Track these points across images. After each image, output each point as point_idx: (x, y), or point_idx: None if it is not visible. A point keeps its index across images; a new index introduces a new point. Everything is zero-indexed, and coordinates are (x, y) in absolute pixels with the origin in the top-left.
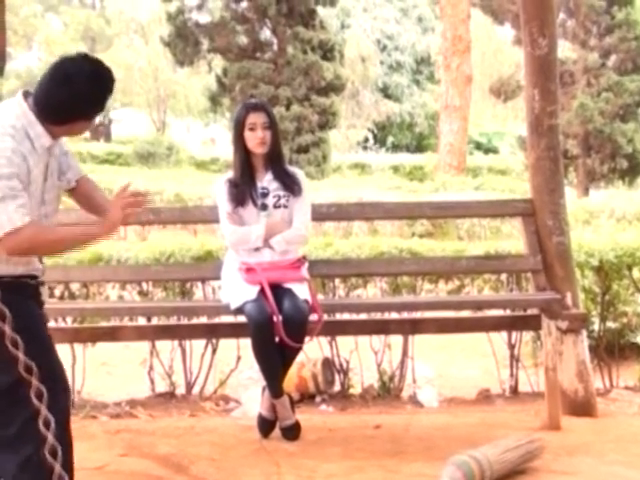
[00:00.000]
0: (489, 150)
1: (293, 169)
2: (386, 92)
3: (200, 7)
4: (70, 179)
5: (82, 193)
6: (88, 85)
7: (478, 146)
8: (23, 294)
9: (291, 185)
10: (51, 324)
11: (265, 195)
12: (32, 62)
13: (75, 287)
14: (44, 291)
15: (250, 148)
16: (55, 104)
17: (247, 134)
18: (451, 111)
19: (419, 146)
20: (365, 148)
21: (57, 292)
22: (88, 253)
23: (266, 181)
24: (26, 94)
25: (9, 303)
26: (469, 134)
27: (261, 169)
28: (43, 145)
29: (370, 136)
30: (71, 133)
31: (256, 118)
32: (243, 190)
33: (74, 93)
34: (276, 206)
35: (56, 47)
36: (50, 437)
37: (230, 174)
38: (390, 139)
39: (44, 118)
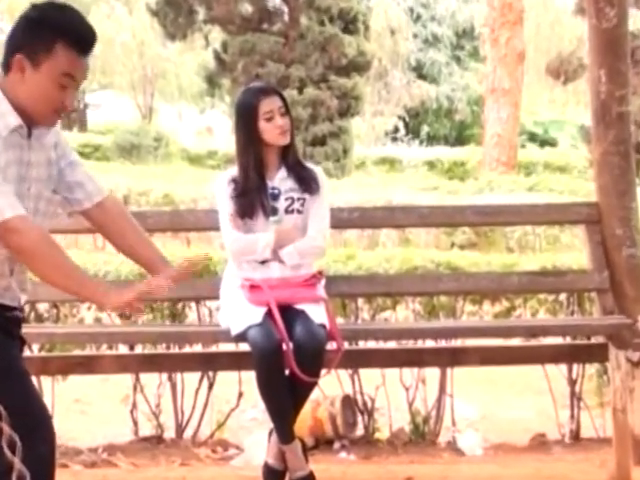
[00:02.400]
0: (545, 143)
1: (309, 165)
2: (420, 72)
3: None
4: (81, 200)
5: (106, 222)
6: (27, 12)
7: (532, 137)
8: None
9: (308, 182)
10: None
11: (276, 197)
12: None
13: (43, 307)
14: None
15: (268, 140)
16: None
17: (263, 125)
18: (499, 95)
19: (460, 137)
20: (395, 140)
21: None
22: None
23: (277, 179)
24: None
25: None
26: (521, 123)
27: (273, 165)
28: (8, 125)
29: (401, 125)
30: (33, 94)
31: (271, 104)
32: (252, 197)
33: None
34: (288, 211)
35: None
36: None
37: (233, 171)
38: (425, 129)
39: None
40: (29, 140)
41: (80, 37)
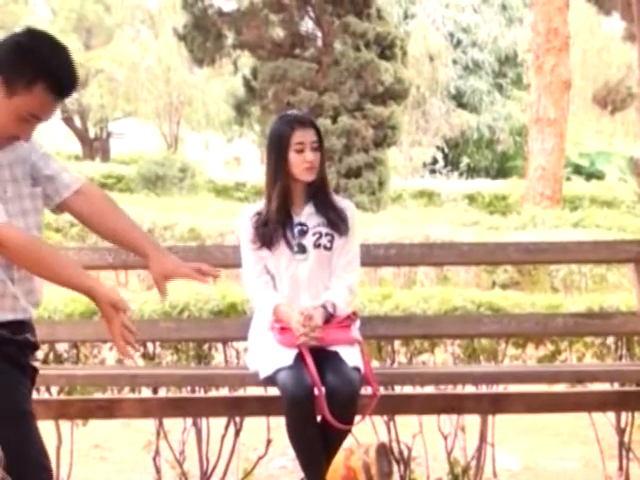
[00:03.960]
0: (592, 175)
1: (342, 201)
2: (460, 100)
3: None
4: (59, 190)
5: (86, 208)
6: (21, 36)
7: (578, 170)
8: None
9: (337, 223)
10: None
11: (303, 233)
12: None
13: (62, 348)
14: (30, 351)
15: (294, 174)
16: None
17: (292, 156)
18: (544, 125)
19: (502, 170)
20: (433, 172)
21: (40, 354)
22: (79, 305)
23: (304, 215)
24: None
25: None
26: (566, 155)
27: (300, 200)
28: None
29: (439, 156)
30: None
31: (304, 136)
32: (274, 228)
33: None
34: (315, 245)
35: None
36: None
37: (259, 206)
38: (465, 160)
39: None
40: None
41: (62, 84)
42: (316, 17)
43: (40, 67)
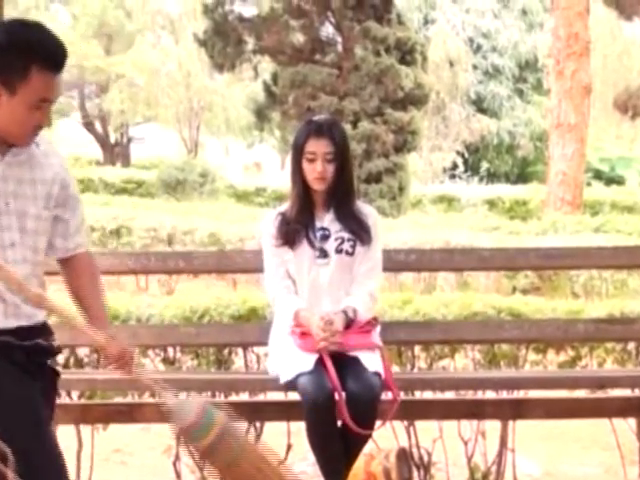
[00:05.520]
0: (612, 181)
1: (364, 207)
2: (480, 105)
3: None
4: (57, 248)
5: (73, 278)
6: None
7: (598, 175)
8: None
9: (358, 231)
10: None
11: (325, 238)
12: None
13: (83, 352)
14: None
15: (308, 181)
16: None
17: (305, 165)
18: (564, 130)
19: (522, 175)
20: (453, 177)
21: (60, 358)
22: None
23: (327, 220)
24: None
25: None
26: (587, 160)
27: (321, 206)
28: None
29: (459, 161)
30: (8, 119)
31: (317, 146)
32: (297, 228)
33: None
34: (337, 250)
35: None
36: None
37: (283, 207)
38: (485, 165)
39: None
40: (2, 156)
41: (53, 56)
42: (336, 22)
43: (26, 52)
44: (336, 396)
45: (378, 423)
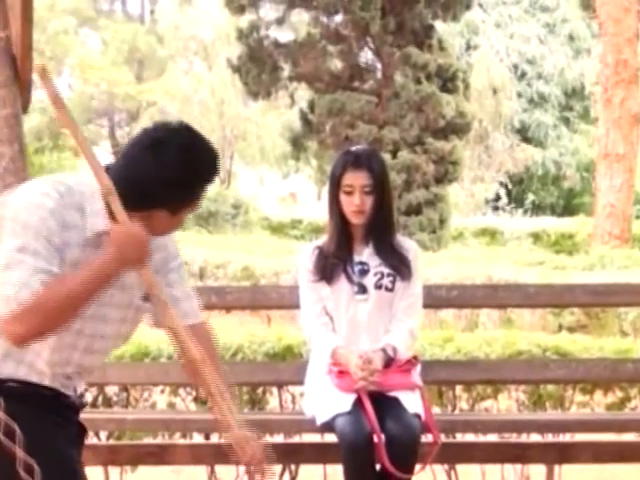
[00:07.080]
0: None
1: (405, 241)
2: (525, 134)
3: (280, 22)
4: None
5: None
6: (177, 156)
7: None
8: (34, 404)
9: (398, 266)
10: None
11: (364, 273)
12: (62, 91)
13: (112, 391)
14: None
15: (346, 214)
16: (129, 175)
17: (342, 198)
18: (612, 161)
19: (568, 207)
20: (496, 209)
21: (89, 397)
22: (130, 346)
23: (366, 255)
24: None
25: (16, 416)
26: (636, 191)
27: (360, 240)
28: (95, 227)
29: (503, 193)
30: (148, 229)
31: (355, 179)
32: (334, 263)
33: (158, 162)
34: (377, 285)
35: (93, 72)
36: None
37: (321, 241)
38: (529, 197)
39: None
40: None
41: (216, 175)
42: (376, 48)
43: (203, 183)
44: (375, 438)
45: (418, 467)
